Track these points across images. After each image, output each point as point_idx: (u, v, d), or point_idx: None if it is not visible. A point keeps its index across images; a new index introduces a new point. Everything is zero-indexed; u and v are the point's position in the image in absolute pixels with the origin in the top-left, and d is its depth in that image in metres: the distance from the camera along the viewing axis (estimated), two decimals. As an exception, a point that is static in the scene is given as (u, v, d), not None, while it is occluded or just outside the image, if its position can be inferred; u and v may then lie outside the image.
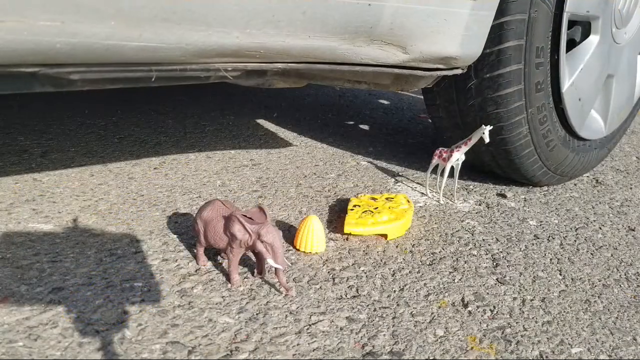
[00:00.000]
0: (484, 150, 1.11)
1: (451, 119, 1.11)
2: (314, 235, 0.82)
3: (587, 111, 1.15)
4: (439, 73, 0.90)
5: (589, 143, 1.22)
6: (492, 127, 0.97)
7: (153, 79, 0.66)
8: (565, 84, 1.05)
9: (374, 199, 0.98)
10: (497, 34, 0.94)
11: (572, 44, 1.10)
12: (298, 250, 0.84)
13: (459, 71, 0.92)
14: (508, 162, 1.10)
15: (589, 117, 1.19)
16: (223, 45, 0.66)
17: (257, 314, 0.67)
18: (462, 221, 0.99)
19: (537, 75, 1.00)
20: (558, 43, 1.02)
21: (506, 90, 0.98)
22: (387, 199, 0.97)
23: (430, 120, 1.83)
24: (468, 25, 0.84)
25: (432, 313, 0.69)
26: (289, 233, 0.89)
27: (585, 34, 1.09)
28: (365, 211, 0.92)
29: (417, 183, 1.17)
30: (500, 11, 0.92)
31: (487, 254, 0.87)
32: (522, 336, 0.66)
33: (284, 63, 0.77)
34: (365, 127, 1.69)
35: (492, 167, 1.17)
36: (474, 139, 0.98)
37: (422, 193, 1.12)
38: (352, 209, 0.93)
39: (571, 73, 1.06)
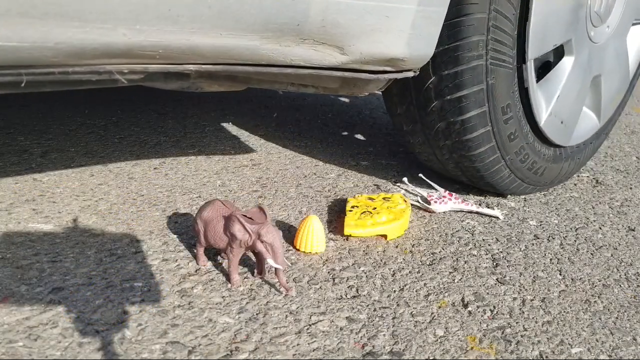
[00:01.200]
0: (471, 187, 1.11)
1: (436, 164, 1.11)
2: (314, 235, 0.82)
3: (573, 125, 1.11)
4: (387, 76, 0.81)
5: (583, 142, 1.21)
6: (505, 213, 0.99)
7: (23, 84, 0.57)
8: (543, 118, 1.02)
9: (371, 199, 0.98)
10: (456, 106, 0.91)
11: (547, 64, 1.07)
12: (298, 250, 0.84)
13: (410, 74, 0.84)
14: (498, 193, 1.10)
15: (580, 119, 1.15)
16: (107, 44, 0.56)
17: (257, 314, 0.67)
18: (462, 221, 0.99)
19: (507, 129, 0.96)
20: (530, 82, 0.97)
21: (478, 150, 0.95)
22: (384, 198, 0.97)
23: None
24: (415, 22, 0.74)
25: (432, 313, 0.69)
26: (289, 233, 0.89)
27: (559, 55, 1.04)
28: (364, 212, 0.92)
29: (418, 183, 1.17)
30: (456, 86, 0.90)
31: (487, 254, 0.87)
32: (522, 336, 0.66)
33: (197, 64, 0.68)
34: (361, 137, 1.70)
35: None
36: (481, 211, 1.01)
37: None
38: (350, 210, 0.93)
39: (548, 103, 1.02)
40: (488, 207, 1.04)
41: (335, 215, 0.98)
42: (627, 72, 1.25)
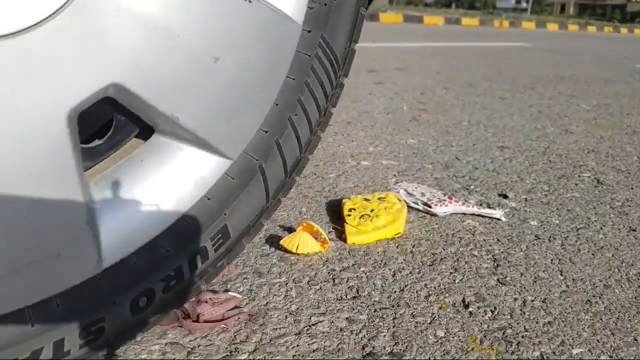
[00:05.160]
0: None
1: None
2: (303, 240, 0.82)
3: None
4: None
5: None
6: (506, 212, 0.99)
7: None
8: None
9: (366, 199, 0.97)
10: None
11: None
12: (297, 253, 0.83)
13: None
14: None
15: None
16: None
17: (256, 315, 0.66)
18: (462, 221, 0.99)
19: None
20: None
21: None
22: (379, 199, 0.97)
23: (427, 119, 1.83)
24: None
25: (433, 314, 0.69)
26: (289, 234, 0.89)
27: None
28: (362, 215, 0.91)
29: (418, 183, 1.17)
30: None
31: (487, 255, 0.86)
32: (523, 337, 0.65)
33: None
34: (361, 137, 1.69)
35: None
36: (482, 213, 1.01)
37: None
38: (348, 215, 0.92)
39: None
40: (490, 208, 1.04)
41: (335, 216, 0.98)
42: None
